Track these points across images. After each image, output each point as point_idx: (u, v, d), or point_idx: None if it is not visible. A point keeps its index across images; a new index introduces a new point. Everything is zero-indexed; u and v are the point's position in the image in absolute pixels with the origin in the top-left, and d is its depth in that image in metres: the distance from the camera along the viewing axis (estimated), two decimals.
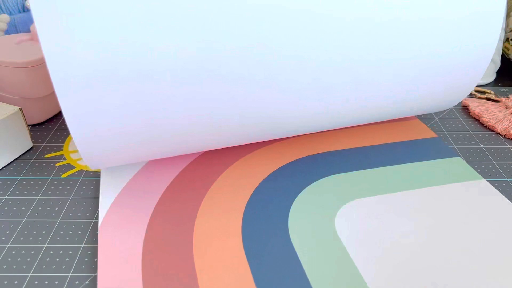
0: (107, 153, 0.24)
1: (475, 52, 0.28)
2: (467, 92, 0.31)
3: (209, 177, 0.29)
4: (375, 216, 0.25)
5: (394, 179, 0.29)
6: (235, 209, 0.26)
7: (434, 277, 0.22)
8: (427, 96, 0.30)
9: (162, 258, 0.23)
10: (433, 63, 0.27)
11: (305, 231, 0.24)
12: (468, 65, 0.29)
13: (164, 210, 0.26)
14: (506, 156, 0.32)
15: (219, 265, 0.22)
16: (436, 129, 0.35)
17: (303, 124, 0.27)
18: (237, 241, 0.24)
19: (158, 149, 0.26)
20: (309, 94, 0.25)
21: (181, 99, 0.23)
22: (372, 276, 0.22)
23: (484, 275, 0.22)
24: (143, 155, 0.26)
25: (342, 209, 0.26)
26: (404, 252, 0.23)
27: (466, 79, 0.30)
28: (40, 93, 0.33)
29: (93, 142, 0.23)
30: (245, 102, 0.24)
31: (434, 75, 0.28)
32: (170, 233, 0.24)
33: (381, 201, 0.27)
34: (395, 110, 0.30)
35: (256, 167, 0.29)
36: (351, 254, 0.23)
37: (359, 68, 0.25)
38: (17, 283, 0.22)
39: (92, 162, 0.24)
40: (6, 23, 0.40)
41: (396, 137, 0.33)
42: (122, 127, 0.23)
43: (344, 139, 0.33)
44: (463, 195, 0.27)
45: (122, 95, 0.22)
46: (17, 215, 0.26)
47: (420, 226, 0.25)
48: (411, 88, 0.28)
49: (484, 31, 0.28)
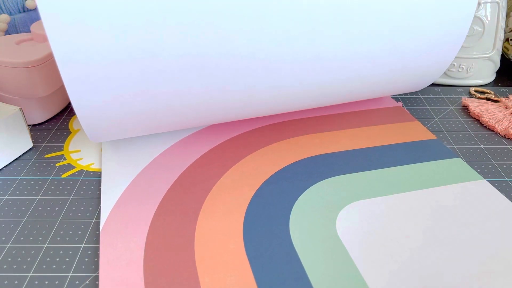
0: (107, 122, 0.25)
1: (449, 28, 0.30)
2: (441, 70, 0.33)
3: (210, 179, 0.29)
4: (375, 217, 0.25)
5: (394, 180, 0.29)
6: (237, 211, 0.26)
7: (434, 277, 0.22)
8: (404, 69, 0.31)
9: (164, 260, 0.23)
10: (405, 40, 0.29)
11: (306, 232, 0.24)
12: (442, 40, 0.30)
13: (166, 211, 0.26)
14: (506, 156, 0.32)
15: (221, 267, 0.22)
16: (435, 129, 0.36)
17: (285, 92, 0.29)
18: (238, 242, 0.24)
19: (160, 120, 0.26)
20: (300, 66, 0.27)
21: (185, 73, 0.24)
22: (373, 277, 0.22)
23: (485, 276, 0.22)
24: (145, 126, 0.27)
25: (343, 210, 0.26)
26: (405, 253, 0.23)
27: (441, 54, 0.31)
28: (40, 93, 0.33)
29: (94, 108, 0.24)
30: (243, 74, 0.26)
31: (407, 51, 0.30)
32: (172, 235, 0.24)
33: (381, 202, 0.27)
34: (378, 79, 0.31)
35: (256, 169, 0.29)
36: (352, 255, 0.23)
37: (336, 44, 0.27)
38: (17, 283, 0.22)
39: (93, 132, 0.25)
40: (6, 23, 0.40)
41: (396, 138, 0.33)
42: (122, 95, 0.24)
43: (345, 141, 0.33)
44: (463, 195, 0.28)
45: (124, 66, 0.22)
46: (17, 215, 0.26)
47: (420, 227, 0.25)
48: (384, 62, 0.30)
49: (457, 9, 0.29)
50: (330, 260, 0.23)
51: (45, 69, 0.32)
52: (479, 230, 0.25)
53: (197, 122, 0.29)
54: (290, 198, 0.27)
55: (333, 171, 0.29)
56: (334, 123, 0.35)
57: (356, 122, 0.35)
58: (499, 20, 0.41)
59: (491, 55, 0.42)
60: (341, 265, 0.22)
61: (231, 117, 0.29)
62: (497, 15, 0.41)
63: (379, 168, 0.30)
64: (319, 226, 0.25)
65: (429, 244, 0.24)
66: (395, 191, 0.28)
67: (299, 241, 0.24)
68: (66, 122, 0.36)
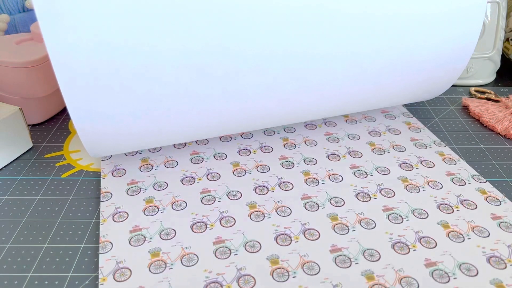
0: (106, 138, 0.25)
1: (458, 44, 0.30)
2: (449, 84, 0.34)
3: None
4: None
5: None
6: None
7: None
8: (417, 81, 0.32)
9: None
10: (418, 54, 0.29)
11: None
12: (451, 56, 0.31)
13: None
14: (506, 156, 0.32)
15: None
16: (436, 129, 0.35)
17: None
18: None
19: (156, 139, 0.27)
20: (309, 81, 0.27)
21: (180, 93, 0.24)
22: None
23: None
24: (143, 143, 0.27)
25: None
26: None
27: (449, 67, 0.32)
28: (40, 93, 0.33)
29: (94, 130, 0.24)
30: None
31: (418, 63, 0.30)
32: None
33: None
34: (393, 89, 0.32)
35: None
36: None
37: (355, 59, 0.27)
38: (17, 283, 0.22)
39: (93, 149, 0.25)
40: (6, 23, 0.40)
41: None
42: (122, 116, 0.24)
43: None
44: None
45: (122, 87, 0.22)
46: (17, 215, 0.26)
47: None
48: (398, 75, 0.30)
49: (465, 26, 0.30)
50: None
51: (45, 69, 0.32)
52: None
53: (197, 136, 0.29)
54: None
55: None
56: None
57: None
58: (499, 20, 0.41)
59: (491, 55, 0.42)
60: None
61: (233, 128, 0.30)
62: (498, 15, 0.41)
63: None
64: None
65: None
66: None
67: None
68: (66, 122, 0.36)
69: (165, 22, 0.22)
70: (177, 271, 0.22)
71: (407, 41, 0.28)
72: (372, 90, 0.30)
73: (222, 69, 0.24)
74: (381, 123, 0.35)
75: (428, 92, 0.34)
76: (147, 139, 0.27)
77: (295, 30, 0.25)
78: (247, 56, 0.24)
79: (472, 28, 0.30)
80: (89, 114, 0.23)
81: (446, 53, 0.30)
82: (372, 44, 0.27)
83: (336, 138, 0.33)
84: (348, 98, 0.30)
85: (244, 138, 0.33)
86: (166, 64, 0.23)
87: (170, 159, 0.30)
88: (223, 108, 0.26)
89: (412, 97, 0.34)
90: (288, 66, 0.26)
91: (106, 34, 0.21)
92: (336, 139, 0.33)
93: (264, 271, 0.22)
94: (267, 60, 0.25)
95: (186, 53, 0.23)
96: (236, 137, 0.33)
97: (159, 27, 0.22)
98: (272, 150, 0.32)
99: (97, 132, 0.24)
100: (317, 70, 0.27)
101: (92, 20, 0.21)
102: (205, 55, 0.23)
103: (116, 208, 0.26)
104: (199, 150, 0.31)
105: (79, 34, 0.21)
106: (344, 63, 0.27)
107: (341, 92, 0.29)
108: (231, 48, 0.24)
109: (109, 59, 0.22)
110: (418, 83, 0.32)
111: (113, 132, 0.25)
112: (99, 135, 0.25)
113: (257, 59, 0.25)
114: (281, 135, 0.33)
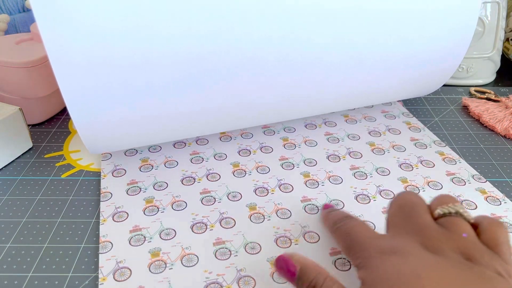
0: (105, 135, 0.25)
1: (452, 40, 0.31)
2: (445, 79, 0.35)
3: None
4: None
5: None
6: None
7: None
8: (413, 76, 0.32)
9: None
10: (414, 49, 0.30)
11: None
12: (446, 52, 0.32)
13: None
14: (506, 156, 0.32)
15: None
16: (436, 129, 0.35)
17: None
18: None
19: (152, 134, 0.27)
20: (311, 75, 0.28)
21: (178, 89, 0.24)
22: None
23: None
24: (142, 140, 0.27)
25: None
26: None
27: (444, 65, 0.33)
28: (40, 93, 0.33)
29: (94, 126, 0.24)
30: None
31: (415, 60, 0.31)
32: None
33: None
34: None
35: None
36: None
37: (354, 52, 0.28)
38: (17, 283, 0.22)
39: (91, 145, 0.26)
40: (6, 23, 0.40)
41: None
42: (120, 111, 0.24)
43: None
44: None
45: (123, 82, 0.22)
46: (17, 215, 0.26)
47: None
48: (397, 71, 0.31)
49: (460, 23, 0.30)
50: None
51: (45, 69, 0.32)
52: None
53: (196, 132, 0.29)
54: None
55: None
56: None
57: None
58: (499, 20, 0.41)
59: (491, 55, 0.42)
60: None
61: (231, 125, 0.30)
62: (498, 15, 0.41)
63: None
64: None
65: None
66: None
67: None
68: (66, 122, 0.36)
69: (163, 19, 0.22)
70: (177, 271, 0.22)
71: (404, 34, 0.28)
72: (368, 84, 0.30)
73: (220, 63, 0.24)
74: (381, 123, 0.35)
75: (427, 83, 0.34)
76: (146, 135, 0.27)
77: (292, 24, 0.25)
78: (244, 50, 0.24)
79: (467, 23, 0.30)
80: (88, 110, 0.23)
81: (442, 45, 0.31)
82: (368, 38, 0.27)
83: (336, 138, 0.33)
84: (345, 90, 0.30)
85: (244, 138, 0.33)
86: (164, 59, 0.23)
87: (170, 159, 0.30)
88: (222, 102, 0.26)
89: (410, 91, 0.34)
90: (285, 59, 0.26)
91: (103, 32, 0.21)
92: (336, 139, 0.33)
93: (264, 272, 0.22)
94: (264, 54, 0.25)
95: (183, 48, 0.23)
96: (236, 137, 0.33)
97: (156, 25, 0.22)
98: (272, 150, 0.31)
99: (96, 128, 0.24)
100: (313, 64, 0.27)
101: (90, 19, 0.21)
102: (202, 48, 0.23)
103: (116, 208, 0.26)
104: (199, 150, 0.31)
105: (77, 32, 0.21)
106: (340, 57, 0.27)
107: (338, 85, 0.29)
108: (229, 40, 0.24)
109: (107, 56, 0.22)
110: (414, 78, 0.32)
111: (112, 128, 0.25)
112: (98, 131, 0.24)
113: (255, 52, 0.25)
114: (281, 135, 0.33)
